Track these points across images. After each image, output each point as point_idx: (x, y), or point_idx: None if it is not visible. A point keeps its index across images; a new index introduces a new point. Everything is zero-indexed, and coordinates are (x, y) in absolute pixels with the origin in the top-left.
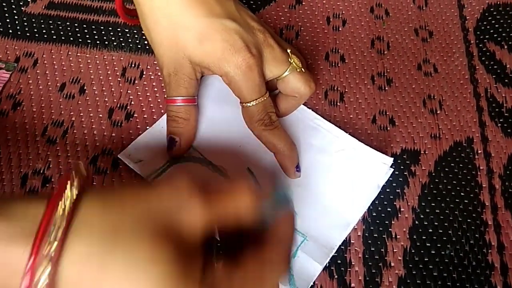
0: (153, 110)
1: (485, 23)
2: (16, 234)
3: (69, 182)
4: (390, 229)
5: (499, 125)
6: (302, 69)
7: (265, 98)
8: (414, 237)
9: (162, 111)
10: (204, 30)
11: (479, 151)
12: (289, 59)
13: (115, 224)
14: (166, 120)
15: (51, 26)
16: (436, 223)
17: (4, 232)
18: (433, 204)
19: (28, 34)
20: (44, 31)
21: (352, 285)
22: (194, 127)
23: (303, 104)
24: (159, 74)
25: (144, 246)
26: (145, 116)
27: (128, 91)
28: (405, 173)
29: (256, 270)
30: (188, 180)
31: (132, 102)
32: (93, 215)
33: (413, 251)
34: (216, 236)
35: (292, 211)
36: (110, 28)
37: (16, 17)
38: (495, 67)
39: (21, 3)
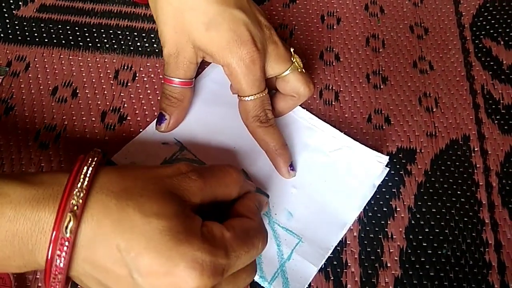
0: (146, 113)
1: (481, 19)
2: (45, 197)
3: (89, 156)
4: (386, 229)
5: (495, 122)
6: (303, 70)
7: (263, 94)
8: (411, 236)
9: (155, 113)
10: (213, 17)
11: (476, 149)
12: (292, 58)
13: (129, 186)
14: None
15: (43, 29)
16: (432, 222)
17: (35, 195)
18: (430, 203)
19: (19, 37)
20: (35, 34)
21: (348, 286)
22: (186, 108)
23: None
24: (152, 76)
25: (152, 202)
26: (138, 118)
27: (121, 94)
28: (401, 172)
29: (242, 232)
30: (186, 162)
31: (125, 105)
32: (110, 180)
33: (409, 251)
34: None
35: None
36: (102, 30)
37: (7, 20)
38: (492, 63)
39: (12, 7)
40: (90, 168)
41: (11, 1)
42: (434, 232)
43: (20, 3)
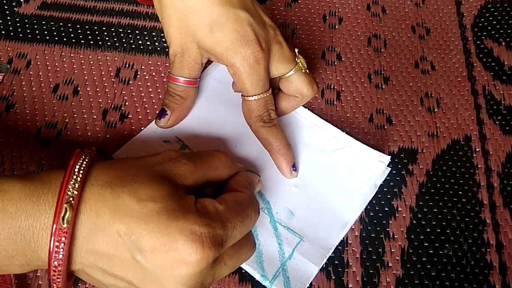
0: (148, 111)
1: (482, 20)
2: (44, 192)
3: (83, 152)
4: (387, 229)
5: (497, 122)
6: (307, 71)
7: (267, 94)
8: (412, 236)
9: (157, 111)
10: (217, 18)
11: (477, 149)
12: (296, 59)
13: (121, 174)
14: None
15: (44, 27)
16: (434, 222)
17: (34, 191)
18: (431, 203)
19: (21, 35)
20: (37, 31)
21: (350, 285)
22: (189, 107)
23: None
24: (153, 74)
25: (146, 187)
26: (140, 116)
27: (122, 92)
28: (402, 172)
29: (234, 204)
30: (174, 149)
31: (126, 103)
32: (103, 171)
33: (410, 251)
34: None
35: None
36: (104, 28)
37: (8, 17)
38: (493, 64)
39: (13, 4)
40: (85, 162)
41: None
42: (436, 232)
43: (21, 0)
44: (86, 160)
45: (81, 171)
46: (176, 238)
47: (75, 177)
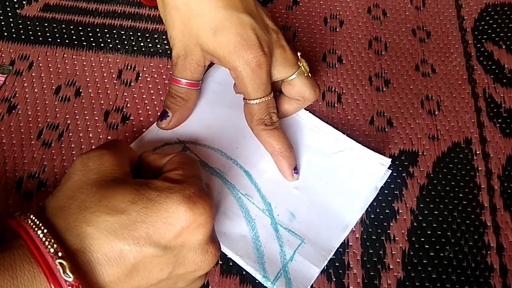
0: (149, 113)
1: (483, 23)
2: (17, 264)
3: (21, 214)
4: (388, 231)
5: (497, 125)
6: (309, 74)
7: (269, 98)
8: (413, 239)
9: (158, 113)
10: (220, 22)
11: (478, 152)
12: (298, 62)
13: (77, 206)
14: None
15: (47, 29)
16: (434, 225)
17: (6, 265)
18: (432, 206)
19: (23, 36)
20: (39, 33)
21: (350, 287)
22: (190, 109)
23: None
24: (155, 76)
25: (114, 197)
26: (141, 118)
27: (124, 94)
28: (403, 174)
29: (182, 164)
30: (82, 154)
31: (128, 105)
32: (58, 218)
33: (411, 253)
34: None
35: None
36: (106, 30)
37: (11, 19)
38: (493, 67)
39: (16, 6)
40: (33, 218)
41: (15, 0)
42: (436, 234)
43: (24, 2)
44: (31, 217)
45: (41, 226)
46: (181, 212)
47: (40, 233)
